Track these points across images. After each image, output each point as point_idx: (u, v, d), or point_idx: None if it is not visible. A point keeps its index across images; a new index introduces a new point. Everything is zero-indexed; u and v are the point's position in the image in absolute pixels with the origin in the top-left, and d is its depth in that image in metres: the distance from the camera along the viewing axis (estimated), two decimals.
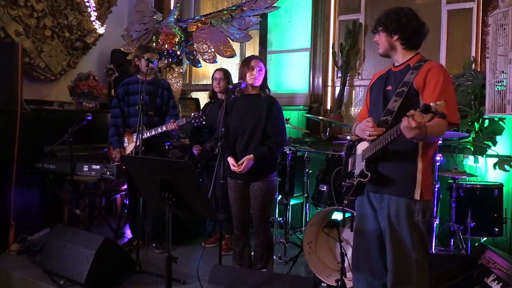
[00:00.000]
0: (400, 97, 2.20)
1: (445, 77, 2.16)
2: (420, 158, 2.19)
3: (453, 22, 4.30)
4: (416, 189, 2.18)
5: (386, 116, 2.23)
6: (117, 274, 3.19)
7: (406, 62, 2.31)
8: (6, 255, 3.85)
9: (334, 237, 3.08)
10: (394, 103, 2.22)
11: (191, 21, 5.39)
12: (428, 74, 2.17)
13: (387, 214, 2.25)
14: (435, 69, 2.19)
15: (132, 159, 2.89)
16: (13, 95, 3.96)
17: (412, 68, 2.24)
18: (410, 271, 2.21)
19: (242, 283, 2.52)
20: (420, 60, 2.28)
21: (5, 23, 4.52)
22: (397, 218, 2.21)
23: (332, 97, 4.98)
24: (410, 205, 2.19)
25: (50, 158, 4.15)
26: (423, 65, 2.22)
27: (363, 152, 2.32)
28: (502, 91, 3.45)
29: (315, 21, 4.96)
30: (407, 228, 2.19)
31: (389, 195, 2.25)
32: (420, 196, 2.18)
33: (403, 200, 2.20)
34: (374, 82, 2.48)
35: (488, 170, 3.92)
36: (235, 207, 3.17)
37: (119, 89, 4.05)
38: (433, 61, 2.26)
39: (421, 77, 2.18)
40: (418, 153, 2.19)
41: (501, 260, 2.72)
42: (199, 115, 3.63)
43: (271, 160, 3.11)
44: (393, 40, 2.30)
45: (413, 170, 2.19)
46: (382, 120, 2.24)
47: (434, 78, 2.15)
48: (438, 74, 2.16)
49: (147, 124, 3.82)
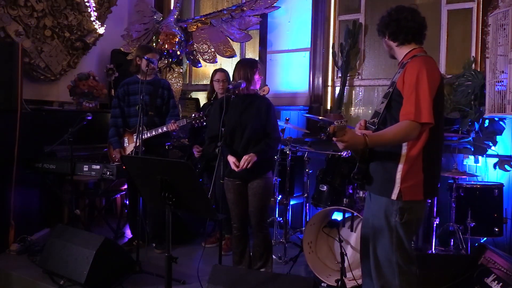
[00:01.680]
0: (386, 98, 2.18)
1: (419, 72, 2.07)
2: (402, 158, 2.12)
3: (453, 22, 4.30)
4: (395, 189, 2.12)
5: (374, 118, 2.21)
6: (117, 274, 3.19)
7: (402, 59, 2.25)
8: (6, 255, 3.85)
9: (334, 237, 3.08)
10: (381, 104, 2.20)
11: (191, 21, 5.40)
12: (405, 73, 2.11)
13: (371, 213, 2.27)
14: (411, 65, 2.11)
15: (132, 159, 2.90)
16: (13, 95, 3.95)
17: (400, 67, 2.21)
18: (391, 274, 2.16)
19: (242, 283, 2.52)
20: (411, 57, 2.19)
21: (5, 23, 4.52)
22: (378, 217, 2.20)
23: (332, 97, 4.98)
24: (388, 205, 2.16)
25: (50, 158, 4.15)
26: (406, 64, 2.15)
27: None
28: (502, 91, 3.45)
29: (315, 21, 4.96)
30: (386, 229, 2.17)
31: (373, 193, 2.26)
32: (398, 197, 2.12)
33: (384, 199, 2.17)
34: None
35: (488, 170, 3.92)
36: (235, 208, 3.17)
37: (119, 89, 4.05)
38: (419, 57, 2.15)
39: (401, 77, 2.13)
40: (400, 154, 2.12)
41: (501, 260, 2.72)
42: (199, 115, 3.63)
43: (267, 158, 3.13)
44: (387, 40, 2.28)
45: (393, 171, 2.13)
46: (370, 122, 2.23)
47: (409, 76, 2.09)
48: (412, 70, 2.09)
49: (148, 124, 3.82)
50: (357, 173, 2.25)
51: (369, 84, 4.80)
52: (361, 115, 4.85)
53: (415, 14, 2.22)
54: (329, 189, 3.60)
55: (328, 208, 3.44)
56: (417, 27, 2.22)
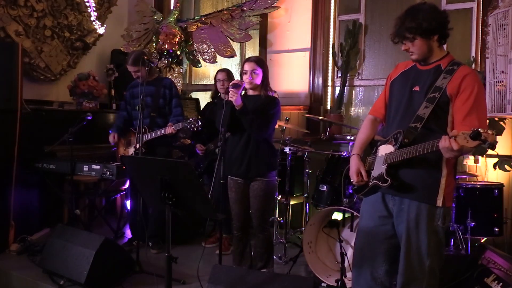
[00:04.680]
0: (431, 103, 2.10)
1: (479, 87, 2.07)
2: (444, 164, 2.12)
3: (453, 22, 4.23)
4: (439, 196, 2.11)
5: (416, 123, 2.13)
6: (117, 274, 3.19)
7: (437, 61, 2.18)
8: (6, 255, 3.85)
9: (334, 237, 3.08)
10: (424, 109, 2.12)
11: (191, 21, 5.39)
12: (463, 82, 2.06)
13: (406, 218, 2.18)
14: (470, 76, 2.08)
15: (132, 159, 2.90)
16: (13, 95, 3.96)
17: (445, 72, 2.12)
18: (422, 278, 2.16)
19: (242, 283, 2.52)
20: (452, 62, 2.15)
21: (5, 23, 4.52)
22: (417, 222, 2.15)
23: (332, 97, 4.98)
24: (431, 210, 2.14)
25: (50, 158, 4.16)
26: (456, 70, 2.10)
27: (386, 155, 2.22)
28: (502, 91, 3.45)
29: (315, 21, 4.96)
30: (425, 233, 2.14)
31: (409, 199, 2.18)
32: (443, 203, 2.12)
33: (425, 205, 2.14)
34: (397, 77, 2.34)
35: (488, 170, 3.92)
36: (235, 207, 3.17)
37: (126, 92, 4.16)
38: (466, 65, 2.15)
39: (455, 84, 2.07)
40: (442, 159, 2.10)
41: (501, 260, 2.72)
42: (194, 120, 3.60)
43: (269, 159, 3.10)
44: (431, 42, 2.16)
45: (438, 177, 2.12)
46: (412, 126, 2.14)
47: (469, 87, 2.05)
48: (473, 83, 2.06)
49: (150, 126, 3.81)
50: (393, 178, 2.17)
51: (369, 84, 4.80)
52: (361, 115, 4.85)
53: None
54: (329, 189, 3.60)
55: (328, 208, 3.44)
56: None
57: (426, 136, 2.09)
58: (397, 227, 2.24)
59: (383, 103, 2.43)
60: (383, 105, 2.42)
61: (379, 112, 2.44)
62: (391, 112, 2.33)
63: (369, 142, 2.43)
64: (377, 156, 2.31)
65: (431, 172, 2.13)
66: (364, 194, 2.36)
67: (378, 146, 2.34)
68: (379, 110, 2.44)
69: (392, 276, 2.30)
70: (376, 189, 2.29)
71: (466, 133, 1.77)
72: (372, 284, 2.31)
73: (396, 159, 2.14)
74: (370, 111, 2.51)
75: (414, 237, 2.16)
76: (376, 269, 2.30)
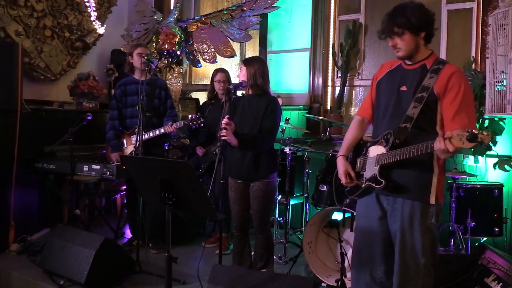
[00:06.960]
0: (419, 103, 2.12)
1: (466, 85, 2.09)
2: (435, 162, 2.15)
3: (453, 22, 4.30)
4: (432, 193, 2.15)
5: (406, 123, 2.14)
6: (117, 274, 3.19)
7: (422, 61, 2.20)
8: (6, 255, 3.85)
9: (334, 237, 3.08)
10: (413, 109, 2.13)
11: (191, 21, 5.39)
12: (450, 80, 2.09)
13: (400, 217, 2.20)
14: (457, 74, 2.10)
15: (132, 159, 2.90)
16: (13, 95, 3.96)
17: (431, 71, 2.14)
18: (417, 276, 2.17)
19: (242, 283, 2.52)
20: (437, 61, 2.17)
21: (5, 23, 4.52)
22: (411, 221, 2.17)
23: (332, 97, 4.98)
24: (425, 208, 2.16)
25: (50, 158, 4.15)
26: (442, 69, 2.12)
27: (377, 157, 2.22)
28: (502, 91, 3.45)
29: (315, 21, 4.96)
30: (419, 231, 2.16)
31: (403, 198, 2.20)
32: (435, 201, 2.15)
33: (418, 203, 2.17)
34: (383, 77, 2.35)
35: (488, 170, 3.92)
36: (235, 207, 3.17)
37: (116, 90, 4.05)
38: (451, 64, 2.16)
39: (442, 82, 2.10)
40: (434, 158, 2.14)
41: (501, 260, 2.73)
42: (197, 117, 3.61)
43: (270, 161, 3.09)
44: (419, 38, 2.16)
45: (430, 175, 2.15)
46: (402, 127, 2.15)
47: (456, 85, 2.08)
48: (460, 81, 2.09)
49: (146, 125, 3.81)
50: (387, 179, 2.18)
51: (369, 84, 4.77)
52: None
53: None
54: (329, 189, 3.60)
55: (328, 208, 3.45)
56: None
57: (417, 136, 2.11)
58: (390, 226, 2.26)
59: (369, 104, 2.45)
60: (370, 105, 2.44)
61: (367, 112, 2.46)
62: (379, 113, 2.33)
63: (357, 143, 2.45)
64: (368, 157, 2.32)
65: (424, 171, 2.16)
66: (358, 195, 2.37)
67: (368, 147, 2.35)
68: (367, 110, 2.46)
69: (392, 276, 2.29)
70: (369, 191, 2.30)
71: (461, 135, 1.79)
72: (372, 284, 2.32)
73: (389, 160, 2.16)
74: (357, 112, 2.54)
75: (408, 235, 2.18)
76: (375, 269, 2.31)
